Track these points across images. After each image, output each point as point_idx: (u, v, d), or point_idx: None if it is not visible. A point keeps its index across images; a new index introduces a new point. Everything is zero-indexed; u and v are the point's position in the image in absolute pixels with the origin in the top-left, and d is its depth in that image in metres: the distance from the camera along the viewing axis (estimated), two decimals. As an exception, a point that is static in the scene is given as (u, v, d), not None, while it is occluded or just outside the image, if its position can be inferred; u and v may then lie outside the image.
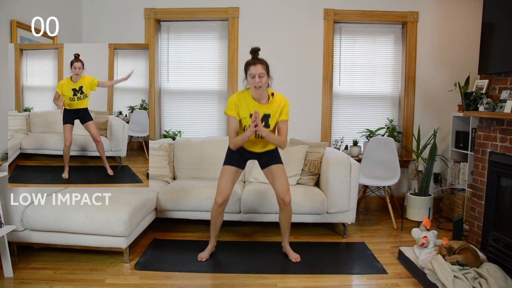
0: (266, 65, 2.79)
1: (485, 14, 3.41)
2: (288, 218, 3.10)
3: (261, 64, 2.75)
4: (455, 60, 4.50)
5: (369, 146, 4.34)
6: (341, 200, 3.56)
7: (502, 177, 3.14)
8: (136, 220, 3.08)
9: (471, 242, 3.49)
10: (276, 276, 2.86)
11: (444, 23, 4.48)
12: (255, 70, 2.73)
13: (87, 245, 3.02)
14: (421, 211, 4.10)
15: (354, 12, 4.45)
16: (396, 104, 4.70)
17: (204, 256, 3.11)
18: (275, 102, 2.87)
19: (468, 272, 2.58)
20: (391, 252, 3.34)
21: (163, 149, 4.03)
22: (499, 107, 3.18)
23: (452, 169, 4.29)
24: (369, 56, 4.62)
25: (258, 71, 2.73)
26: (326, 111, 4.54)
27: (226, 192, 3.00)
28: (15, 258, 3.03)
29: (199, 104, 4.67)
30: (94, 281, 2.75)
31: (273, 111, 2.87)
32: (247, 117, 2.86)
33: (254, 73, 2.73)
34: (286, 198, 2.99)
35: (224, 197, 2.99)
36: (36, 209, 2.97)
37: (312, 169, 3.83)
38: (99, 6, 4.49)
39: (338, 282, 2.80)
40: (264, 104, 2.86)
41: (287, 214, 3.07)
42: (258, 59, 2.78)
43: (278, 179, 3.00)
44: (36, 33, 3.56)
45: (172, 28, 4.62)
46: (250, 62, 2.79)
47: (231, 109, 2.87)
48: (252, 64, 2.76)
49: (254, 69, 2.73)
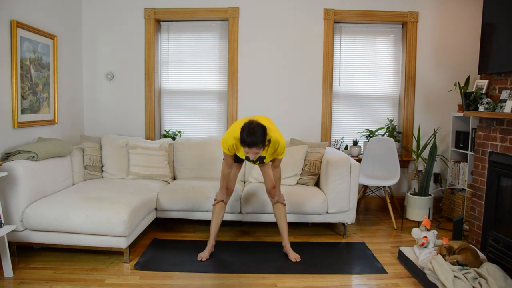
0: (262, 142, 2.67)
1: (485, 14, 3.40)
2: (282, 213, 3.15)
3: (256, 147, 2.66)
4: (455, 60, 4.50)
5: (369, 146, 4.34)
6: (341, 200, 3.56)
7: (502, 177, 3.14)
8: (136, 220, 3.08)
9: (471, 242, 3.49)
10: (276, 276, 2.86)
11: (444, 23, 4.48)
12: (250, 151, 2.69)
13: (87, 245, 3.02)
14: (421, 211, 4.10)
15: (354, 12, 4.45)
16: (396, 104, 4.70)
17: (204, 256, 3.12)
18: (271, 147, 2.87)
19: (468, 272, 2.58)
20: (391, 252, 3.34)
21: (163, 149, 4.03)
22: (499, 107, 3.18)
23: (452, 169, 4.29)
24: (369, 56, 4.62)
25: (253, 152, 2.69)
26: (326, 111, 4.54)
27: (230, 186, 3.15)
28: (15, 258, 3.03)
29: (199, 104, 4.67)
30: (94, 281, 2.75)
31: (268, 154, 2.94)
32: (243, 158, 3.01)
33: (248, 153, 2.72)
34: (273, 191, 3.12)
35: (228, 192, 3.15)
36: (36, 209, 2.97)
37: (312, 169, 3.83)
38: (99, 6, 4.49)
39: (338, 282, 2.80)
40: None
41: (280, 208, 3.15)
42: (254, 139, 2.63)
43: (268, 173, 3.10)
44: (36, 33, 3.56)
45: (172, 28, 4.62)
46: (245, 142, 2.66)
47: (227, 150, 2.94)
48: (247, 146, 2.67)
49: (249, 150, 2.69)
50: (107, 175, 3.93)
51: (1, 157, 3.12)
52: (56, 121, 3.95)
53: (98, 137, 4.08)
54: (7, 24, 3.22)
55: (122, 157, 3.96)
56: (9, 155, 3.11)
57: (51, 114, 3.89)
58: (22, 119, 3.42)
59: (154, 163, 3.95)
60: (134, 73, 4.54)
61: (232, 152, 2.97)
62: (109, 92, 4.57)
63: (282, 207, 3.15)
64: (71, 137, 4.26)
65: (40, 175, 3.14)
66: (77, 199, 3.09)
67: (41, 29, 3.66)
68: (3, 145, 3.20)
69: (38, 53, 3.62)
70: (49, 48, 3.81)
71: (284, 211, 3.16)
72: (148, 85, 4.53)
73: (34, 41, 3.56)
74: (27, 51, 3.46)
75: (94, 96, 4.57)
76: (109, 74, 4.54)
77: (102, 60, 4.54)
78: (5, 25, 3.20)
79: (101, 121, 4.59)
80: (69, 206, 2.98)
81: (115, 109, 4.58)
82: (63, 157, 3.52)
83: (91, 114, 4.59)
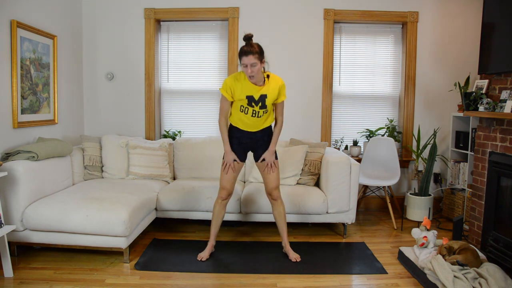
0: (259, 53, 2.75)
1: (485, 14, 3.40)
2: (282, 213, 3.13)
3: (252, 55, 2.71)
4: (455, 60, 4.50)
5: (369, 146, 4.34)
6: (341, 200, 3.56)
7: (502, 177, 3.14)
8: (136, 220, 3.08)
9: (471, 242, 3.49)
10: (276, 276, 2.86)
11: (444, 23, 4.48)
12: (247, 60, 2.72)
13: (87, 245, 3.02)
14: (421, 211, 4.10)
15: (354, 12, 4.45)
16: (396, 104, 4.70)
17: (204, 256, 3.12)
18: (271, 83, 2.89)
19: (468, 272, 2.57)
20: (391, 252, 3.34)
21: (163, 149, 4.03)
22: (499, 107, 3.18)
23: (452, 169, 4.29)
24: (369, 56, 4.62)
25: (250, 61, 2.71)
26: (326, 111, 4.54)
27: (229, 186, 3.09)
28: (15, 258, 3.03)
29: (199, 104, 4.67)
30: (94, 281, 2.75)
31: (270, 91, 2.88)
32: (243, 98, 2.87)
33: (246, 63, 2.73)
34: (273, 193, 3.09)
35: (228, 192, 3.10)
36: (36, 209, 2.97)
37: (312, 169, 3.83)
38: (99, 6, 4.49)
39: (338, 282, 2.80)
40: (260, 86, 2.87)
41: (279, 208, 3.13)
42: (250, 48, 2.73)
43: (269, 176, 3.06)
44: (36, 33, 3.56)
45: (172, 28, 4.62)
46: (242, 51, 2.74)
47: (225, 90, 2.90)
48: (244, 54, 2.73)
49: (246, 59, 2.72)
50: (107, 175, 3.93)
51: (1, 157, 3.12)
52: (56, 121, 3.95)
53: (98, 137, 4.08)
54: (7, 24, 3.22)
55: (122, 157, 3.96)
56: (9, 155, 3.10)
57: (51, 114, 3.89)
58: (22, 119, 3.42)
59: (154, 163, 3.95)
60: (134, 73, 4.54)
61: (230, 94, 2.88)
62: (109, 92, 4.57)
63: (281, 207, 3.14)
64: (71, 137, 4.26)
65: (40, 175, 3.14)
66: (77, 199, 3.09)
67: (41, 29, 3.66)
68: (3, 145, 3.20)
69: (38, 53, 3.62)
70: (49, 48, 3.81)
71: (283, 211, 3.15)
72: (148, 85, 4.53)
73: (34, 41, 3.56)
74: (27, 51, 3.46)
75: (94, 96, 4.57)
76: (109, 74, 4.54)
77: (102, 60, 4.54)
78: (5, 25, 3.20)
79: (101, 121, 4.59)
80: (69, 206, 2.98)
81: (115, 109, 4.58)
82: (63, 157, 3.52)
83: (91, 114, 4.59)
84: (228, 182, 3.08)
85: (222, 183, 3.10)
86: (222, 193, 3.10)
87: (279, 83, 2.92)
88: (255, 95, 2.85)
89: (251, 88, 2.85)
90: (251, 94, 2.84)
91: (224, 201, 3.13)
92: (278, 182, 3.10)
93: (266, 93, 2.86)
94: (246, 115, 2.91)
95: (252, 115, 2.91)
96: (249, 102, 2.86)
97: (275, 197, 3.11)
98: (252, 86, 2.84)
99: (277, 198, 3.12)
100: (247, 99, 2.85)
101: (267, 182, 3.09)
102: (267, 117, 2.99)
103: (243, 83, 2.85)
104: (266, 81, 2.89)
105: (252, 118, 2.92)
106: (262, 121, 2.97)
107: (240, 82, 2.86)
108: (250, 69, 2.73)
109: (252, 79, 2.80)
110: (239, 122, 2.98)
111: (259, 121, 2.96)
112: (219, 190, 3.13)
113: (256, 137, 3.02)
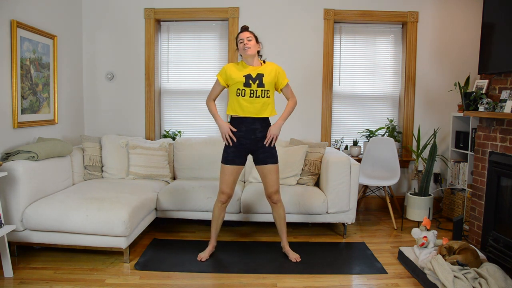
0: (254, 33, 3.01)
1: (485, 14, 3.40)
2: (281, 215, 3.13)
3: (248, 31, 3.00)
4: (455, 60, 4.50)
5: (369, 146, 4.34)
6: (341, 200, 3.56)
7: (502, 177, 3.14)
8: (136, 220, 3.08)
9: (471, 242, 3.49)
10: (276, 276, 2.86)
11: (444, 23, 4.48)
12: (243, 35, 2.96)
13: (87, 245, 3.02)
14: (421, 211, 4.10)
15: (354, 12, 4.44)
16: (396, 104, 4.70)
17: (204, 256, 3.11)
18: (267, 65, 3.04)
19: (468, 272, 2.58)
20: (391, 252, 3.34)
21: (163, 149, 4.03)
22: (499, 107, 3.18)
23: (452, 169, 4.29)
24: (369, 56, 4.62)
25: (246, 35, 2.95)
26: (326, 111, 4.54)
27: (228, 190, 3.06)
28: (15, 258, 3.03)
29: (199, 104, 4.66)
30: (94, 281, 2.75)
31: (266, 72, 2.98)
32: (241, 80, 2.93)
33: (242, 38, 2.94)
34: (274, 197, 3.08)
35: (227, 195, 3.07)
36: (36, 209, 2.97)
37: (312, 169, 3.83)
38: (99, 6, 4.49)
39: (338, 282, 2.80)
40: (257, 66, 3.01)
41: (279, 210, 3.12)
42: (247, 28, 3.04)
43: (269, 178, 3.05)
44: (36, 33, 3.56)
45: (172, 28, 4.62)
46: (239, 32, 3.03)
47: (220, 74, 3.03)
48: (241, 31, 3.01)
49: (242, 35, 2.97)
50: (107, 175, 3.93)
51: (1, 157, 3.12)
52: (56, 121, 3.95)
53: (98, 137, 4.08)
54: (7, 24, 3.22)
55: (122, 157, 3.96)
56: (9, 155, 3.10)
57: (51, 114, 3.89)
58: (22, 119, 3.42)
59: (154, 163, 3.95)
60: (134, 73, 4.54)
61: (224, 78, 3.00)
62: (109, 92, 4.57)
63: (281, 210, 3.11)
64: (71, 137, 4.26)
65: (40, 175, 3.14)
66: (77, 199, 3.09)
67: (41, 29, 3.66)
68: (3, 145, 3.20)
69: (38, 53, 3.62)
70: (49, 48, 3.81)
71: (283, 213, 3.13)
72: (148, 85, 4.53)
73: (34, 41, 3.56)
74: (27, 51, 3.46)
75: (94, 96, 4.57)
76: (109, 74, 4.54)
77: (102, 60, 4.54)
78: (5, 25, 3.20)
79: (101, 121, 4.59)
80: (69, 206, 2.98)
81: (115, 109, 4.58)
82: (63, 157, 3.52)
83: (91, 114, 4.59)
84: (227, 186, 3.04)
85: (222, 187, 3.05)
86: (222, 197, 3.06)
87: (275, 66, 3.06)
88: (252, 73, 2.95)
89: (248, 68, 2.98)
90: (249, 72, 2.95)
91: (224, 204, 3.10)
92: (278, 186, 3.07)
93: (263, 72, 2.97)
94: (244, 97, 2.94)
95: (250, 95, 2.93)
96: (246, 81, 2.92)
97: (275, 201, 3.09)
98: (249, 66, 2.99)
99: (277, 201, 3.09)
100: (245, 78, 2.93)
101: (267, 186, 3.07)
102: (267, 103, 2.97)
103: (240, 66, 3.01)
104: (262, 64, 3.04)
105: (250, 99, 2.93)
106: (260, 103, 2.94)
107: (238, 65, 3.02)
108: (246, 41, 2.93)
109: (248, 51, 2.92)
110: (237, 108, 2.96)
111: (258, 102, 2.94)
112: (218, 194, 3.09)
113: (257, 137, 3.00)
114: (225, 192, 3.05)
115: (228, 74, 2.96)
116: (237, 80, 2.93)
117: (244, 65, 2.99)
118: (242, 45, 2.93)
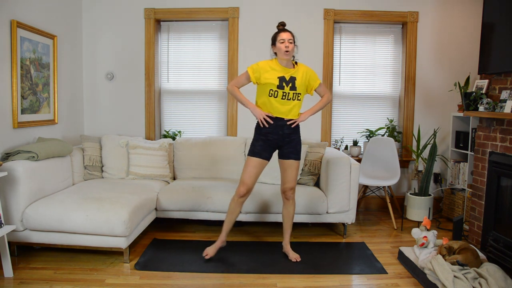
0: (293, 35, 2.98)
1: (485, 14, 3.40)
2: (290, 213, 3.13)
3: (290, 33, 2.96)
4: (455, 60, 4.50)
5: (369, 146, 4.34)
6: (341, 200, 3.56)
7: (502, 177, 3.14)
8: (136, 220, 3.08)
9: (471, 242, 3.49)
10: (276, 276, 2.86)
11: (444, 23, 4.48)
12: (285, 35, 2.92)
13: (87, 245, 3.02)
14: (421, 211, 4.10)
15: (354, 12, 4.45)
16: (396, 104, 4.70)
17: (210, 252, 3.07)
18: (300, 68, 3.02)
19: (468, 272, 2.58)
20: (391, 252, 3.34)
21: (163, 149, 4.03)
22: (499, 107, 3.18)
23: (452, 169, 4.29)
24: (369, 56, 4.62)
25: (288, 37, 2.92)
26: (326, 111, 4.53)
27: (249, 183, 2.98)
28: (15, 258, 3.03)
29: (199, 104, 4.67)
30: (94, 281, 2.75)
31: (299, 75, 2.98)
32: (275, 79, 2.92)
33: (284, 38, 2.90)
34: (288, 193, 3.08)
35: (247, 188, 2.98)
36: (36, 209, 2.97)
37: (312, 169, 3.83)
38: (99, 6, 4.49)
39: (338, 282, 2.80)
40: (290, 69, 2.98)
41: (289, 207, 3.12)
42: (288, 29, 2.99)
43: (289, 173, 3.05)
44: (36, 33, 3.56)
45: (172, 28, 4.62)
46: (281, 29, 2.99)
47: (252, 70, 2.97)
48: (283, 31, 2.96)
49: (284, 35, 2.92)
50: (107, 175, 3.93)
51: (1, 157, 3.12)
52: (56, 121, 3.95)
53: (98, 137, 4.08)
54: (7, 24, 3.22)
55: (122, 157, 3.96)
56: (9, 155, 3.10)
57: (51, 114, 3.89)
58: (22, 119, 3.42)
59: (154, 163, 3.95)
60: (134, 73, 4.54)
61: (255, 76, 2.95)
62: (109, 92, 4.57)
63: (291, 207, 3.12)
64: (71, 137, 4.26)
65: (40, 175, 3.14)
66: (77, 199, 3.09)
67: (41, 29, 3.66)
68: (3, 145, 3.21)
69: (38, 53, 3.62)
70: (49, 48, 3.81)
71: (292, 212, 3.13)
72: (148, 85, 4.53)
73: (34, 41, 3.56)
74: (27, 51, 3.46)
75: (94, 96, 4.57)
76: (109, 74, 4.54)
77: (102, 60, 4.54)
78: (5, 25, 3.20)
79: (101, 121, 4.59)
80: (69, 206, 2.98)
81: (115, 109, 4.58)
82: (63, 157, 3.52)
83: (91, 114, 4.59)
84: (250, 177, 2.96)
85: (243, 178, 2.96)
86: (241, 189, 2.96)
87: (306, 68, 3.05)
88: (286, 75, 2.93)
89: (282, 70, 2.95)
90: (283, 74, 2.93)
91: (241, 198, 2.99)
92: (295, 183, 3.07)
93: (295, 75, 2.96)
94: (276, 98, 2.94)
95: (282, 97, 2.94)
96: (280, 83, 2.92)
97: (288, 197, 3.09)
98: (283, 68, 2.96)
99: (290, 198, 3.09)
100: (279, 80, 2.92)
101: (285, 181, 3.07)
102: (298, 105, 3.02)
103: (275, 66, 2.97)
104: (295, 66, 3.02)
105: (281, 101, 2.95)
106: (291, 105, 2.97)
107: (272, 64, 2.98)
108: (287, 43, 2.89)
109: (287, 55, 2.91)
110: (269, 107, 2.97)
111: (289, 104, 2.97)
112: (237, 187, 2.99)
113: (284, 133, 3.00)
114: (245, 183, 2.95)
115: (262, 73, 2.95)
116: (271, 81, 2.93)
117: (279, 65, 2.96)
118: (283, 46, 2.89)
